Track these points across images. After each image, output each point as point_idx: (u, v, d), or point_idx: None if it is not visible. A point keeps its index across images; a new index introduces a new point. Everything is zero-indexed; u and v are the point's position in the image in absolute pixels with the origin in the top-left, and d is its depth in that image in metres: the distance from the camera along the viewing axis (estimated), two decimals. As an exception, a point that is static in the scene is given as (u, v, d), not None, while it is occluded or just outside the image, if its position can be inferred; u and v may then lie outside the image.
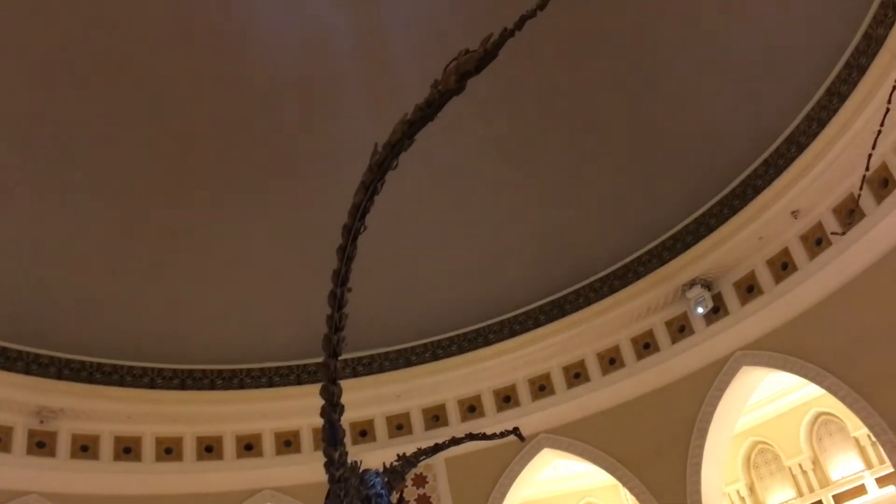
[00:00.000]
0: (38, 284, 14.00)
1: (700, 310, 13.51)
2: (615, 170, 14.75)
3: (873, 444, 14.67)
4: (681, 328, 14.09)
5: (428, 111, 2.87)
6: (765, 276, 13.09)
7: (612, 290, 14.59)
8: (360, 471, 5.03)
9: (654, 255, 14.22)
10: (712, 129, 13.74)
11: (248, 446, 14.71)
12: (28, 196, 13.71)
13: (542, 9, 2.69)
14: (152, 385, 14.14)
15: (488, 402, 15.29)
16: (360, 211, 3.28)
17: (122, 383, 13.85)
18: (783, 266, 12.84)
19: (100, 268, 14.39)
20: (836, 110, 11.38)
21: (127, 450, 13.89)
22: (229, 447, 14.59)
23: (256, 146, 14.72)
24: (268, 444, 14.78)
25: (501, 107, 14.70)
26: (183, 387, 14.37)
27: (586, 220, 15.11)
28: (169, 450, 14.21)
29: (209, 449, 14.49)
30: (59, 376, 13.31)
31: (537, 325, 15.13)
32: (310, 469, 12.65)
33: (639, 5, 13.60)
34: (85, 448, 13.53)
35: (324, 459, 4.48)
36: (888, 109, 6.90)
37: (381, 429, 15.22)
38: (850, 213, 11.27)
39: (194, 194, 14.72)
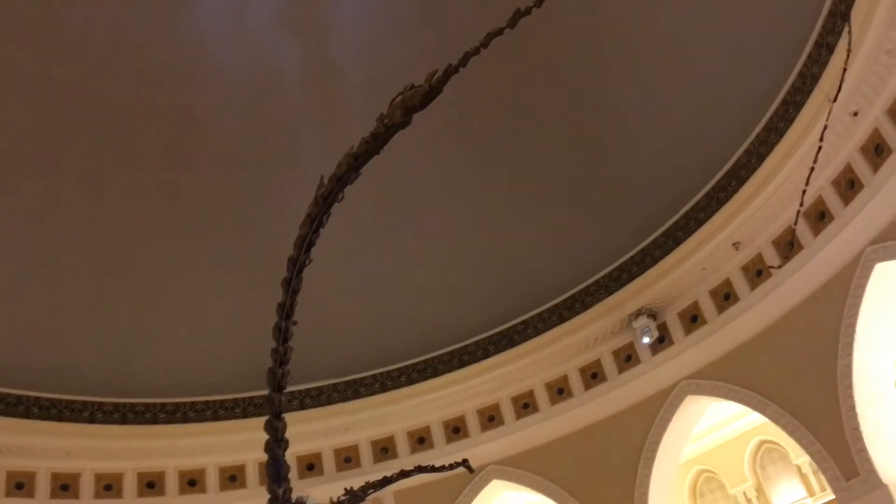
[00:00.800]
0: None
1: (646, 339, 13.70)
2: (563, 201, 14.97)
3: (815, 471, 14.98)
4: (627, 358, 14.25)
5: (373, 144, 2.88)
6: (708, 307, 13.34)
7: (561, 320, 14.71)
8: (306, 506, 4.96)
9: (601, 285, 14.40)
10: (657, 162, 14.05)
11: (192, 482, 14.35)
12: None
13: (486, 47, 2.74)
14: (92, 419, 13.73)
15: (437, 434, 15.21)
16: (305, 243, 3.26)
17: (60, 418, 13.42)
18: (725, 297, 13.12)
19: (37, 299, 14.01)
20: (774, 145, 11.74)
21: (64, 487, 13.41)
22: (172, 483, 14.21)
23: (203, 177, 14.58)
24: (212, 480, 14.43)
25: (453, 138, 14.85)
26: (124, 421, 13.99)
27: (535, 250, 15.26)
28: (108, 486, 13.77)
29: (151, 485, 14.09)
30: (-7, 412, 12.85)
31: (486, 355, 15.15)
32: (255, 504, 12.41)
33: (589, 41, 13.91)
34: (20, 486, 13.03)
35: (268, 496, 4.41)
36: (820, 147, 7.15)
37: (328, 462, 15.00)
38: (788, 246, 11.58)
39: (137, 224, 14.48)
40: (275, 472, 4.04)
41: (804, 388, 11.91)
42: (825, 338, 11.60)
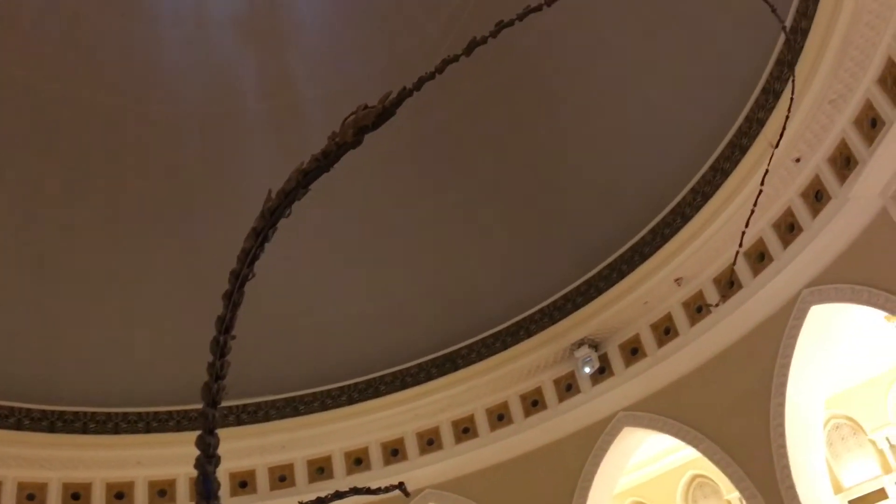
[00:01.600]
0: None
1: (587, 369, 13.83)
2: (512, 230, 15.11)
3: (744, 507, 15.21)
4: (568, 387, 14.36)
5: (324, 162, 2.87)
6: (649, 340, 13.54)
7: (504, 347, 14.75)
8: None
9: (545, 313, 14.50)
10: (605, 196, 14.29)
11: (119, 495, 13.93)
12: None
13: (440, 72, 2.77)
14: (18, 426, 13.25)
15: (375, 455, 15.07)
16: (249, 257, 3.22)
17: (-18, 423, 12.95)
18: (665, 331, 13.34)
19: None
20: (718, 185, 12.04)
21: (-16, 496, 12.94)
22: (98, 495, 13.76)
23: (148, 184, 14.35)
24: (140, 494, 14.03)
25: (405, 161, 14.91)
26: (52, 429, 13.54)
27: (482, 276, 15.34)
28: (31, 496, 13.27)
29: (76, 496, 13.63)
30: (-87, 414, 12.35)
31: (429, 378, 15.10)
32: (184, 520, 12.12)
33: (543, 74, 14.14)
34: (-64, 493, 12.52)
35: (196, 512, 4.31)
36: (761, 191, 7.37)
37: (262, 480, 14.73)
38: (728, 284, 11.85)
39: (76, 228, 14.15)
40: (204, 489, 3.95)
41: (737, 425, 12.15)
42: (759, 376, 11.88)
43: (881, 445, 15.23)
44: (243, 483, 14.52)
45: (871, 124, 9.70)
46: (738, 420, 12.12)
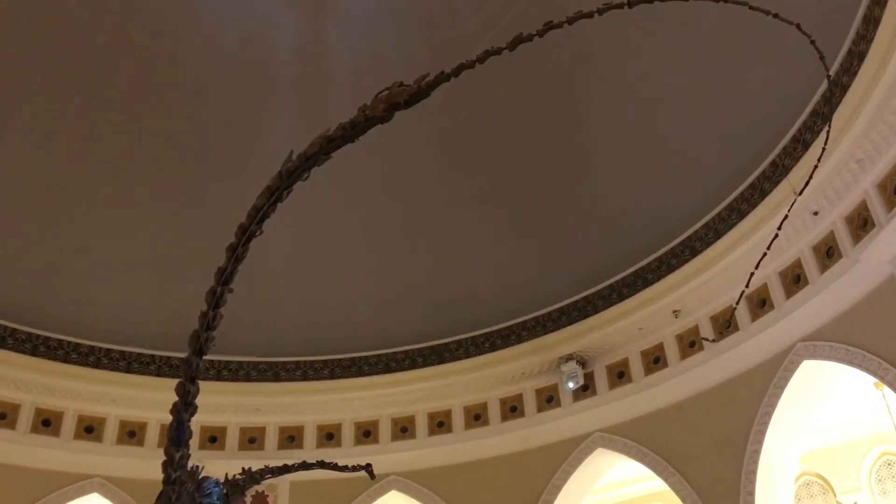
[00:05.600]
0: None
1: (571, 384, 13.81)
2: (519, 235, 15.08)
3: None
4: (549, 398, 14.35)
5: (350, 132, 2.85)
6: (636, 366, 13.52)
7: (493, 349, 14.74)
8: (199, 477, 4.86)
9: (539, 322, 14.49)
10: (617, 217, 14.25)
11: (89, 428, 13.96)
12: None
13: (481, 62, 2.75)
14: (2, 344, 13.27)
15: (347, 433, 15.09)
16: (259, 214, 3.21)
17: (-32, 336, 12.99)
18: (655, 360, 13.32)
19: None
20: (733, 225, 11.99)
21: (-44, 407, 12.97)
22: (68, 426, 13.79)
23: (168, 126, 14.33)
24: (110, 431, 14.06)
25: (425, 149, 14.87)
26: (34, 353, 13.55)
27: (483, 276, 15.32)
28: (2, 415, 13.32)
29: (46, 423, 13.67)
30: None
31: (413, 366, 15.11)
32: (149, 465, 12.02)
33: (576, 86, 14.09)
34: None
35: (164, 458, 4.31)
36: (777, 234, 7.32)
37: (232, 438, 14.75)
38: (726, 324, 11.82)
39: (91, 158, 14.14)
40: (176, 436, 3.95)
41: (710, 465, 12.15)
42: (740, 421, 11.87)
43: (848, 510, 15.22)
44: (213, 438, 14.54)
45: (894, 190, 9.65)
46: (712, 460, 12.11)
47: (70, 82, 13.65)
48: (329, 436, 15.08)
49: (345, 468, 8.19)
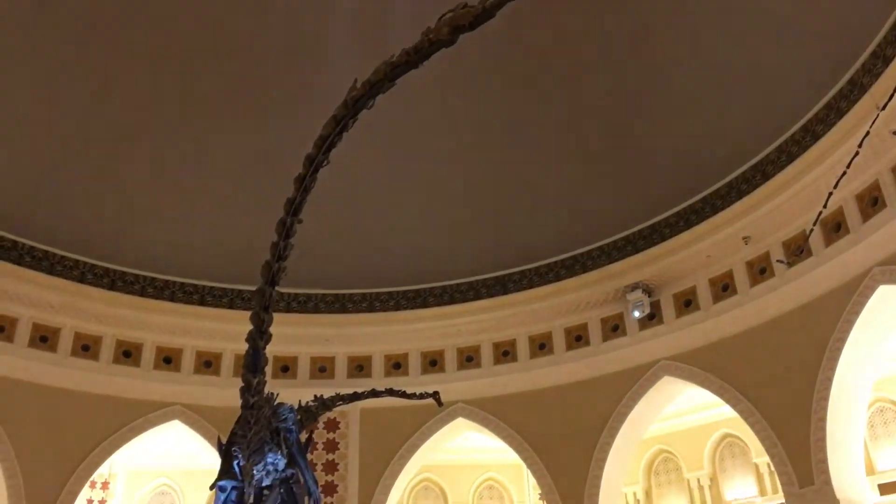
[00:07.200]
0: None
1: (637, 313, 13.73)
2: (585, 163, 14.83)
3: (771, 473, 15.18)
4: (614, 327, 14.32)
5: (414, 57, 2.81)
6: (704, 294, 13.34)
7: (558, 279, 14.71)
8: (275, 403, 5.04)
9: (604, 251, 14.36)
10: (686, 143, 13.87)
11: (167, 359, 14.56)
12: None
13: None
14: (82, 279, 13.83)
15: (414, 363, 15.38)
16: (326, 143, 3.22)
17: (51, 271, 13.52)
18: (724, 287, 13.10)
19: (51, 150, 14.00)
20: (807, 147, 11.56)
21: (44, 339, 13.60)
22: (148, 356, 14.42)
23: (231, 64, 14.38)
24: (187, 361, 14.65)
25: (487, 79, 14.61)
26: (112, 287, 14.09)
27: (549, 206, 15.17)
28: (86, 347, 13.97)
29: (127, 354, 14.30)
30: (-17, 252, 12.93)
31: (478, 297, 15.22)
32: (225, 393, 12.61)
33: (646, 9, 13.58)
34: (0, 329, 13.20)
35: (241, 384, 4.46)
36: (858, 152, 7.01)
37: (303, 368, 15.21)
38: (798, 250, 11.51)
39: (157, 98, 14.33)
40: (253, 363, 4.09)
41: (779, 392, 12.00)
42: (812, 347, 11.64)
43: (923, 436, 14.93)
44: (285, 368, 15.00)
45: (982, 107, 9.14)
46: (782, 387, 11.96)
47: (133, 24, 13.75)
48: (396, 365, 15.40)
49: (413, 396, 8.40)
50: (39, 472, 13.05)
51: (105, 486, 17.28)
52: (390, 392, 8.15)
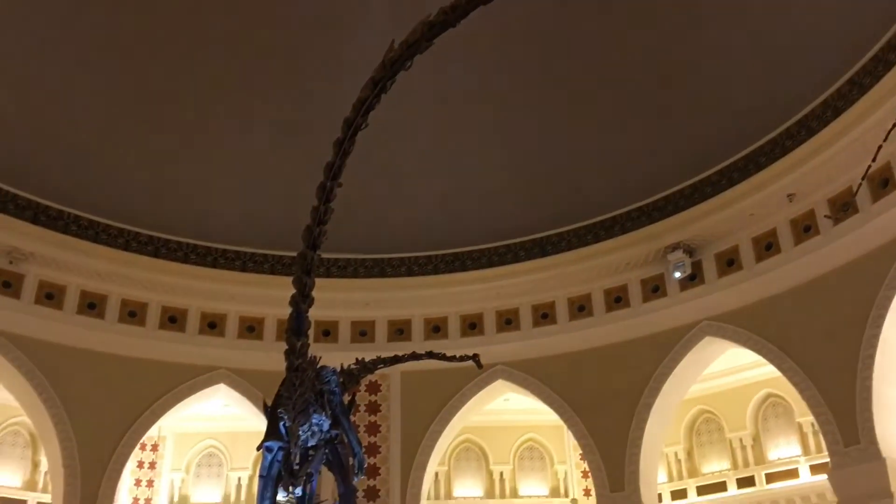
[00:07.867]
0: (30, 126, 13.81)
1: (677, 274, 13.59)
2: (624, 122, 14.60)
3: (815, 432, 15.06)
4: (655, 288, 14.20)
5: (451, 16, 2.77)
6: (747, 253, 13.15)
7: (597, 240, 14.60)
8: (318, 366, 5.11)
9: (643, 212, 14.19)
10: (728, 98, 13.58)
11: (212, 325, 14.82)
12: (24, 53, 13.39)
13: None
14: (126, 247, 14.08)
15: (454, 326, 15.45)
16: (364, 106, 3.21)
17: (96, 240, 13.77)
18: (767, 246, 12.89)
19: (95, 120, 14.20)
20: (854, 101, 11.24)
21: (91, 305, 13.94)
22: (193, 322, 14.69)
23: (265, 34, 14.35)
24: (231, 326, 14.90)
25: (526, 41, 14.40)
26: (157, 254, 14.32)
27: (587, 166, 15.00)
28: (133, 313, 14.28)
29: (173, 320, 14.58)
30: (35, 220, 13.15)
31: (516, 260, 15.17)
32: (269, 357, 12.83)
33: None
34: (50, 296, 13.55)
35: (285, 348, 4.53)
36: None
37: (344, 332, 15.36)
38: (844, 207, 11.26)
39: (193, 70, 14.40)
40: (296, 326, 4.14)
41: (825, 350, 11.85)
42: (858, 305, 11.45)
43: (973, 395, 14.64)
44: (327, 332, 15.17)
45: None
46: (827, 346, 11.80)
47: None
48: (436, 328, 15.48)
49: (453, 358, 8.44)
50: (92, 434, 13.46)
51: (155, 447, 17.76)
52: (430, 355, 8.20)
